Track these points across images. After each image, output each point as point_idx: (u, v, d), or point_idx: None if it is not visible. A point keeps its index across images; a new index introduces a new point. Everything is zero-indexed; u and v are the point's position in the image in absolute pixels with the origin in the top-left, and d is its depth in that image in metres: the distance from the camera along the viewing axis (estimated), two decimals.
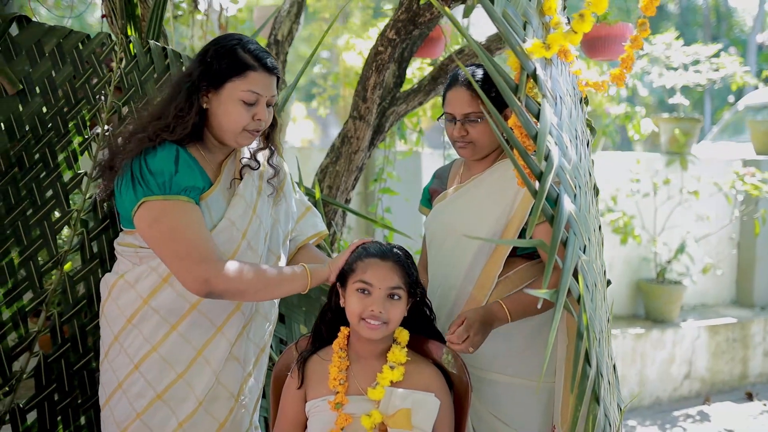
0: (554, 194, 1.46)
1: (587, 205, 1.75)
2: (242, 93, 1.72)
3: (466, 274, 1.98)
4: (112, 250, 2.13)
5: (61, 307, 2.16)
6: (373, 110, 2.54)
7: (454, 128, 1.95)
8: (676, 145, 5.19)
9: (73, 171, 2.22)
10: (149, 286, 1.79)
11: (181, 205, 1.66)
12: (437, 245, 2.08)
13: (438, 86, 2.80)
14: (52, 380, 2.14)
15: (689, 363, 4.85)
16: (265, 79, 1.75)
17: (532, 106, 1.56)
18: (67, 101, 2.25)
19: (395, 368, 1.72)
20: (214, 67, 1.71)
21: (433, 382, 1.77)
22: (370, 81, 2.49)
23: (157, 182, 1.64)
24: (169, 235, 1.63)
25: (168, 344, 1.78)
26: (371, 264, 1.72)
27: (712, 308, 5.40)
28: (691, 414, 4.59)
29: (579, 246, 1.47)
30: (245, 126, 1.74)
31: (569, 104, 1.83)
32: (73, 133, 2.23)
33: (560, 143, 1.58)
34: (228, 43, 1.74)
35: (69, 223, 2.19)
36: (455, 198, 2.05)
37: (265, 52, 1.78)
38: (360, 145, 2.59)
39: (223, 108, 1.72)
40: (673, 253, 5.06)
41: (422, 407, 1.71)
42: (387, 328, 1.71)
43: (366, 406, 1.69)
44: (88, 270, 2.17)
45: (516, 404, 1.95)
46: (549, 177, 1.40)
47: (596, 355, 1.45)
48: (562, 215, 1.41)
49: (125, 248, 1.85)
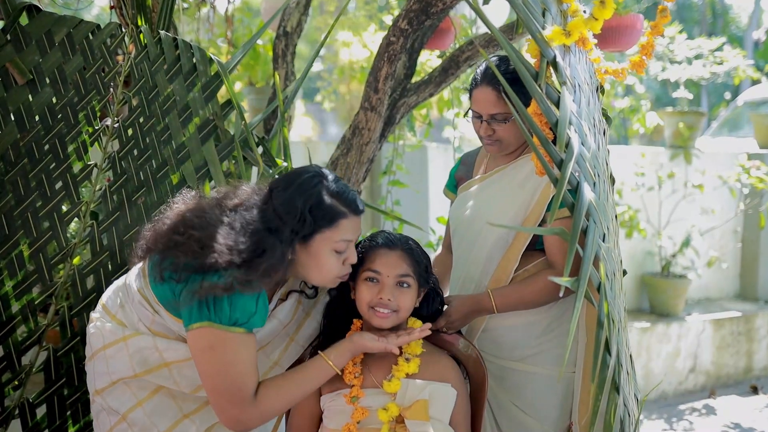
0: (574, 182, 1.45)
1: (605, 194, 1.74)
2: (335, 244, 1.61)
3: (483, 267, 1.97)
4: (122, 243, 2.16)
5: (70, 301, 2.15)
6: (384, 101, 2.51)
7: (480, 126, 1.94)
8: (680, 138, 5.18)
9: (82, 162, 2.22)
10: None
11: (242, 339, 1.55)
12: (460, 236, 2.08)
13: (449, 77, 2.77)
14: (62, 374, 2.12)
15: (694, 357, 4.85)
16: (356, 223, 1.65)
17: (552, 94, 1.55)
18: (77, 92, 2.24)
19: (411, 360, 1.70)
20: (299, 225, 1.57)
21: (449, 373, 1.75)
22: (381, 72, 2.46)
23: (232, 316, 1.52)
24: (218, 368, 1.53)
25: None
26: (379, 253, 1.71)
27: (716, 302, 5.40)
28: (697, 407, 4.58)
29: (599, 234, 1.46)
30: (338, 274, 1.66)
31: (587, 92, 1.82)
32: (83, 123, 2.24)
33: (580, 131, 1.57)
34: (310, 186, 1.60)
35: (79, 215, 2.19)
36: (479, 190, 2.05)
37: (347, 188, 1.65)
38: (371, 136, 2.56)
39: (314, 261, 1.61)
40: (677, 247, 5.05)
41: (439, 398, 1.69)
42: (397, 316, 1.70)
43: (382, 399, 1.68)
44: (97, 263, 2.16)
45: (535, 394, 1.95)
46: (570, 165, 1.39)
47: (616, 344, 1.44)
48: (583, 203, 1.41)
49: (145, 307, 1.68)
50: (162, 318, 1.65)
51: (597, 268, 1.37)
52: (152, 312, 1.65)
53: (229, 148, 2.22)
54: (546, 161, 1.42)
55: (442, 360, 1.79)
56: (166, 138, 2.22)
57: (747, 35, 18.26)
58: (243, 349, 1.53)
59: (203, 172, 2.20)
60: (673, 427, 4.23)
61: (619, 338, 1.52)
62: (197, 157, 2.20)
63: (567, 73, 1.65)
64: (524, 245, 1.91)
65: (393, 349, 1.66)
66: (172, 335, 1.67)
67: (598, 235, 1.43)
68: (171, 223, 1.63)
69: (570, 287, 1.28)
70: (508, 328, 1.98)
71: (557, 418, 1.95)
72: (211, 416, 1.72)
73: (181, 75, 2.26)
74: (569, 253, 1.27)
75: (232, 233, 1.54)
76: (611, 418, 1.43)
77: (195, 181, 2.20)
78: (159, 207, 2.11)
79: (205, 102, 2.24)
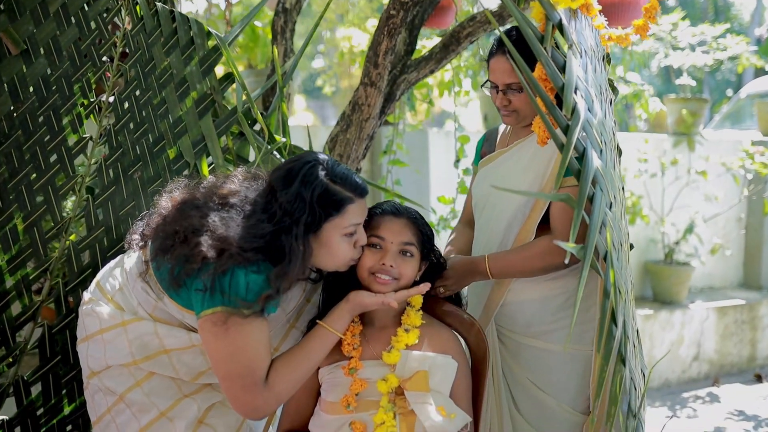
0: (581, 149, 1.42)
1: (612, 162, 1.70)
2: (345, 229, 1.59)
3: (502, 240, 1.96)
4: (118, 218, 2.13)
5: (65, 277, 2.11)
6: (384, 76, 2.47)
7: (497, 96, 1.93)
8: (684, 125, 5.14)
9: (78, 135, 2.19)
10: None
11: (256, 323, 1.52)
12: (480, 210, 2.07)
13: (449, 54, 2.74)
14: (57, 352, 2.09)
15: (698, 345, 4.81)
16: (362, 205, 1.63)
17: (558, 59, 1.52)
18: (72, 63, 2.21)
19: (410, 331, 1.68)
20: (310, 218, 1.54)
21: (449, 345, 1.73)
22: (381, 46, 2.41)
23: (246, 300, 1.49)
24: (231, 352, 1.49)
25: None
26: (385, 219, 1.69)
27: (719, 290, 5.36)
28: (701, 395, 4.55)
29: (606, 202, 1.44)
30: (351, 259, 1.64)
31: (593, 59, 1.78)
32: (78, 96, 2.20)
33: (586, 97, 1.54)
34: (313, 178, 1.56)
35: (74, 189, 2.16)
36: (498, 164, 2.04)
37: (349, 171, 1.63)
38: (371, 112, 2.51)
39: (326, 249, 1.59)
40: (681, 234, 5.01)
41: (439, 369, 1.67)
42: (398, 284, 1.67)
43: (381, 371, 1.65)
44: (93, 238, 2.13)
45: (553, 371, 1.91)
46: (576, 130, 1.36)
47: (623, 315, 1.42)
48: (589, 169, 1.38)
49: (148, 293, 1.65)
50: (165, 305, 1.62)
51: (603, 237, 1.36)
52: (155, 298, 1.63)
53: (227, 123, 2.20)
54: (552, 127, 1.40)
55: (443, 332, 1.76)
56: (163, 112, 2.19)
57: (750, 32, 18.22)
58: (257, 334, 1.51)
59: (200, 147, 2.17)
60: (677, 414, 4.19)
61: (625, 309, 1.50)
62: (194, 132, 2.17)
63: (573, 37, 1.62)
64: (539, 216, 1.88)
65: (392, 302, 1.62)
66: (174, 322, 1.64)
67: (605, 203, 1.40)
68: (171, 227, 1.57)
69: (576, 255, 1.25)
70: (524, 303, 1.96)
71: (575, 396, 1.91)
72: (212, 396, 1.70)
73: (178, 48, 2.23)
74: (575, 220, 1.25)
75: (245, 234, 1.50)
76: (617, 390, 1.40)
77: (192, 156, 2.17)
78: (155, 182, 2.15)
79: (202, 76, 2.21)
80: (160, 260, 1.57)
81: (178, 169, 2.16)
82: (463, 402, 1.72)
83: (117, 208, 2.14)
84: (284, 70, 2.50)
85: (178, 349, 1.63)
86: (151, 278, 1.62)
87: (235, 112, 2.19)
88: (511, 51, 1.44)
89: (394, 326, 1.71)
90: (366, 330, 1.72)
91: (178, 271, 1.52)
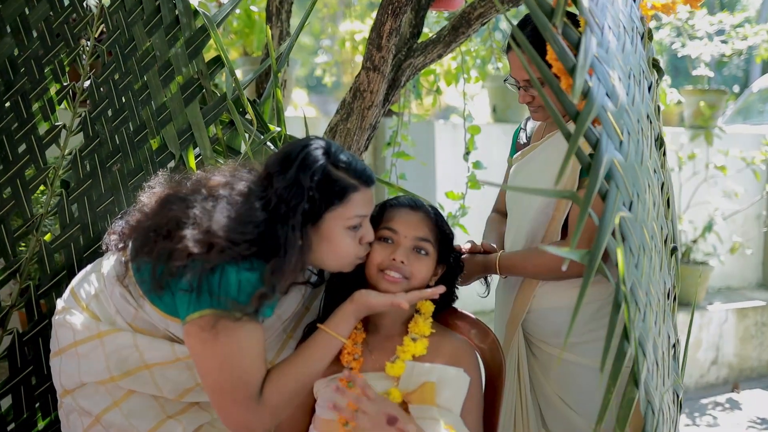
0: (593, 139, 1.25)
1: (639, 155, 1.52)
2: (348, 221, 1.44)
3: (528, 239, 1.88)
4: (96, 215, 2.02)
5: (36, 280, 2.03)
6: (388, 60, 2.29)
7: (519, 92, 1.86)
8: (701, 118, 4.98)
9: (49, 123, 2.09)
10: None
11: (249, 327, 1.38)
12: (509, 207, 2.01)
13: (459, 37, 2.52)
14: (29, 361, 1.98)
15: (716, 348, 4.64)
16: (368, 196, 1.48)
17: (572, 35, 1.32)
18: (43, 43, 2.11)
19: (418, 340, 1.54)
20: (308, 205, 1.41)
21: (462, 356, 1.57)
22: (385, 26, 2.22)
23: (238, 301, 1.35)
24: (221, 361, 1.36)
25: None
26: (400, 211, 1.57)
27: (737, 290, 5.18)
28: (720, 402, 4.38)
29: (623, 201, 1.26)
30: (356, 255, 1.49)
31: (622, 36, 1.59)
32: (50, 79, 2.10)
33: (604, 79, 1.35)
34: (312, 161, 1.42)
35: (45, 182, 2.06)
36: (528, 160, 1.96)
37: (355, 158, 1.49)
38: (374, 99, 2.32)
39: (327, 244, 1.45)
40: (699, 232, 4.84)
41: (449, 384, 1.51)
42: (408, 285, 1.52)
43: (384, 384, 1.50)
44: (67, 237, 2.01)
45: (584, 389, 1.79)
46: (587, 118, 1.18)
47: (639, 330, 1.27)
48: (599, 162, 1.20)
49: (127, 300, 1.52)
50: (146, 313, 1.50)
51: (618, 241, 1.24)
52: (136, 306, 1.51)
53: (216, 110, 2.10)
54: (560, 116, 1.27)
55: (456, 342, 1.60)
56: (145, 98, 2.10)
57: None
58: (250, 340, 1.38)
59: (187, 137, 2.08)
60: (696, 422, 4.02)
61: (644, 325, 1.35)
62: (180, 120, 2.08)
63: (591, 9, 1.46)
64: (563, 217, 1.80)
65: (402, 303, 1.47)
66: (157, 333, 1.52)
67: (622, 202, 1.26)
68: (154, 221, 1.45)
69: (580, 260, 1.10)
70: (552, 311, 1.85)
71: (611, 419, 1.74)
72: (199, 416, 1.59)
73: (161, 28, 2.12)
74: (579, 220, 1.12)
75: (236, 225, 1.37)
76: (626, 415, 1.24)
77: (177, 147, 2.07)
78: (136, 175, 2.05)
79: (188, 59, 2.11)
80: (141, 260, 1.44)
81: (161, 161, 2.07)
82: (473, 420, 1.55)
83: (94, 204, 2.03)
84: (279, 53, 2.32)
85: (161, 363, 1.51)
86: (130, 282, 1.49)
87: (224, 98, 2.09)
88: (518, 38, 1.32)
89: (401, 335, 1.56)
90: (369, 338, 1.58)
91: (160, 271, 1.39)
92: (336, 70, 4.71)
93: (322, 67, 4.67)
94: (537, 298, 1.86)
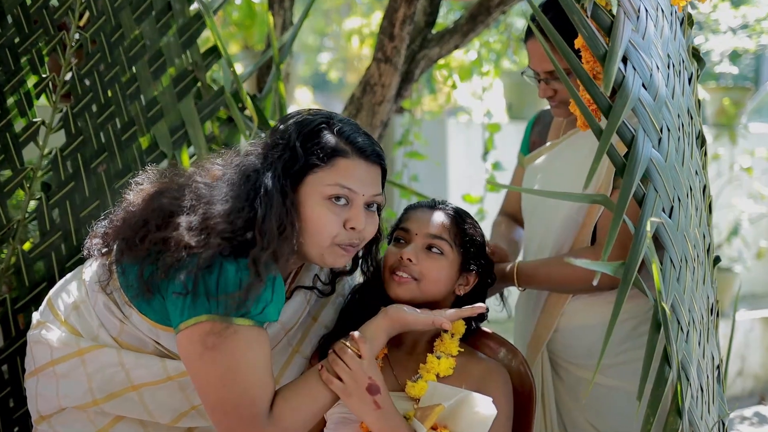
0: (628, 136, 1.23)
1: (680, 155, 1.46)
2: (328, 188, 1.32)
3: (554, 249, 1.78)
4: (79, 221, 1.98)
5: (14, 292, 1.97)
6: (401, 50, 2.23)
7: (539, 85, 1.75)
8: (725, 117, 4.90)
9: (26, 119, 2.02)
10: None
11: (253, 334, 1.29)
12: (529, 213, 1.88)
13: (477, 26, 2.48)
14: (5, 382, 1.91)
15: (742, 358, 4.55)
16: (362, 169, 1.36)
17: (604, 19, 1.28)
18: (19, 30, 2.02)
19: (443, 358, 1.47)
20: (288, 154, 1.34)
21: (492, 381, 1.48)
22: (398, 14, 2.15)
23: (237, 302, 1.26)
24: (223, 375, 1.27)
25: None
26: (415, 211, 1.54)
27: (762, 297, 5.07)
28: (747, 416, 4.25)
29: (662, 206, 1.25)
30: (334, 237, 1.35)
31: (660, 20, 1.53)
32: (27, 71, 2.02)
33: (640, 68, 1.30)
34: (309, 121, 1.37)
35: (23, 185, 1.97)
36: (547, 160, 1.87)
37: (363, 133, 1.40)
38: (385, 94, 2.26)
39: (304, 215, 1.33)
40: (724, 236, 4.74)
41: (470, 413, 1.39)
42: (418, 287, 1.46)
43: (403, 406, 1.42)
44: (48, 245, 1.94)
45: (621, 415, 1.68)
46: (621, 111, 1.18)
47: (681, 352, 1.25)
48: (636, 162, 1.19)
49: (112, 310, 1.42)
50: (133, 324, 1.41)
51: (656, 251, 1.18)
52: (122, 317, 1.42)
53: (212, 105, 2.09)
54: (589, 110, 1.22)
55: (485, 364, 1.52)
56: (133, 92, 2.06)
57: None
58: (255, 348, 1.29)
59: (180, 134, 2.07)
60: None
61: (687, 346, 1.30)
62: (172, 116, 2.07)
63: None
64: (594, 223, 1.69)
65: (445, 323, 1.40)
66: (145, 348, 1.43)
67: (661, 207, 1.24)
68: (141, 216, 1.38)
69: (612, 274, 1.11)
70: (582, 329, 1.75)
71: None
72: None
73: (151, 14, 2.09)
74: (612, 228, 1.12)
75: (231, 200, 1.31)
76: None
77: (169, 146, 2.05)
78: (124, 177, 2.02)
79: (182, 49, 2.10)
80: (127, 261, 1.36)
81: (152, 162, 2.03)
82: None
83: (77, 208, 1.97)
84: (282, 43, 2.30)
85: (151, 383, 1.41)
86: (115, 288, 1.41)
87: (222, 92, 2.07)
88: (541, 22, 1.24)
89: (425, 353, 1.49)
90: (390, 353, 1.51)
91: (149, 272, 1.31)
92: (342, 65, 4.66)
93: (329, 62, 4.61)
94: (566, 316, 1.76)
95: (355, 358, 1.32)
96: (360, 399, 1.30)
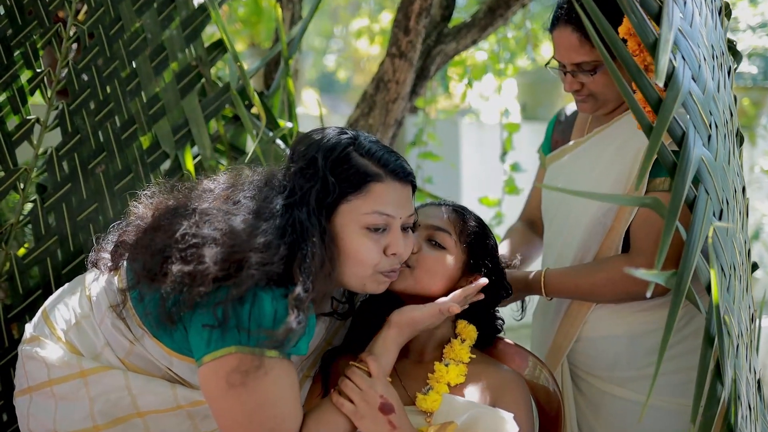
0: (678, 133, 1.17)
1: (727, 153, 1.39)
2: (365, 216, 1.30)
3: (578, 255, 1.70)
4: (76, 225, 1.95)
5: (8, 299, 1.94)
6: (417, 45, 2.17)
7: (565, 79, 1.69)
8: (744, 117, 4.94)
9: (20, 116, 2.01)
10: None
11: (281, 366, 1.26)
12: (550, 215, 1.82)
13: (496, 20, 2.44)
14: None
15: (763, 368, 4.38)
16: (397, 192, 1.33)
17: (651, 4, 1.21)
18: (12, 23, 2.01)
19: (452, 366, 1.43)
20: (320, 185, 1.30)
21: (510, 390, 1.43)
22: (413, 6, 2.10)
23: (272, 337, 1.24)
24: (252, 410, 1.25)
25: None
26: (422, 208, 1.53)
27: None
28: None
29: (713, 210, 1.20)
30: (376, 266, 1.33)
31: (703, 8, 1.46)
32: (20, 65, 2.00)
33: (689, 58, 1.24)
34: (335, 144, 1.32)
35: (16, 187, 1.95)
36: (571, 159, 1.81)
37: (387, 148, 1.37)
38: (400, 91, 2.21)
39: (341, 246, 1.32)
40: None
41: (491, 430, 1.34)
42: (412, 274, 1.42)
43: (415, 421, 1.37)
44: (43, 250, 1.91)
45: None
46: (673, 105, 1.12)
47: (733, 369, 1.19)
48: (688, 162, 1.13)
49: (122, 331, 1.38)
50: (144, 347, 1.37)
51: (706, 259, 1.14)
52: (132, 338, 1.38)
53: (217, 103, 2.06)
54: (638, 104, 1.14)
55: (501, 373, 1.46)
56: (134, 88, 2.04)
57: None
58: (285, 382, 1.27)
59: (183, 133, 2.04)
60: None
61: (738, 362, 1.24)
62: (175, 114, 2.04)
63: None
64: (625, 228, 1.62)
65: (452, 307, 1.38)
66: (155, 372, 1.39)
67: (713, 211, 1.19)
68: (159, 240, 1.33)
69: (664, 284, 1.04)
70: (606, 339, 1.70)
71: None
72: None
73: (153, 6, 2.07)
74: (665, 234, 1.05)
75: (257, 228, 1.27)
76: None
77: (172, 146, 2.01)
78: (124, 178, 2.06)
79: (185, 42, 2.08)
80: (145, 288, 1.31)
81: (153, 162, 2.00)
82: None
83: (74, 212, 1.94)
84: (290, 38, 2.26)
85: (158, 411, 1.37)
86: (129, 313, 1.36)
87: (227, 89, 2.02)
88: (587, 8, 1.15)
89: (434, 361, 1.46)
90: (398, 363, 1.45)
91: (173, 302, 1.26)
92: (351, 64, 4.65)
93: (337, 60, 4.60)
94: (589, 325, 1.71)
95: (364, 378, 1.31)
96: (373, 421, 1.27)
